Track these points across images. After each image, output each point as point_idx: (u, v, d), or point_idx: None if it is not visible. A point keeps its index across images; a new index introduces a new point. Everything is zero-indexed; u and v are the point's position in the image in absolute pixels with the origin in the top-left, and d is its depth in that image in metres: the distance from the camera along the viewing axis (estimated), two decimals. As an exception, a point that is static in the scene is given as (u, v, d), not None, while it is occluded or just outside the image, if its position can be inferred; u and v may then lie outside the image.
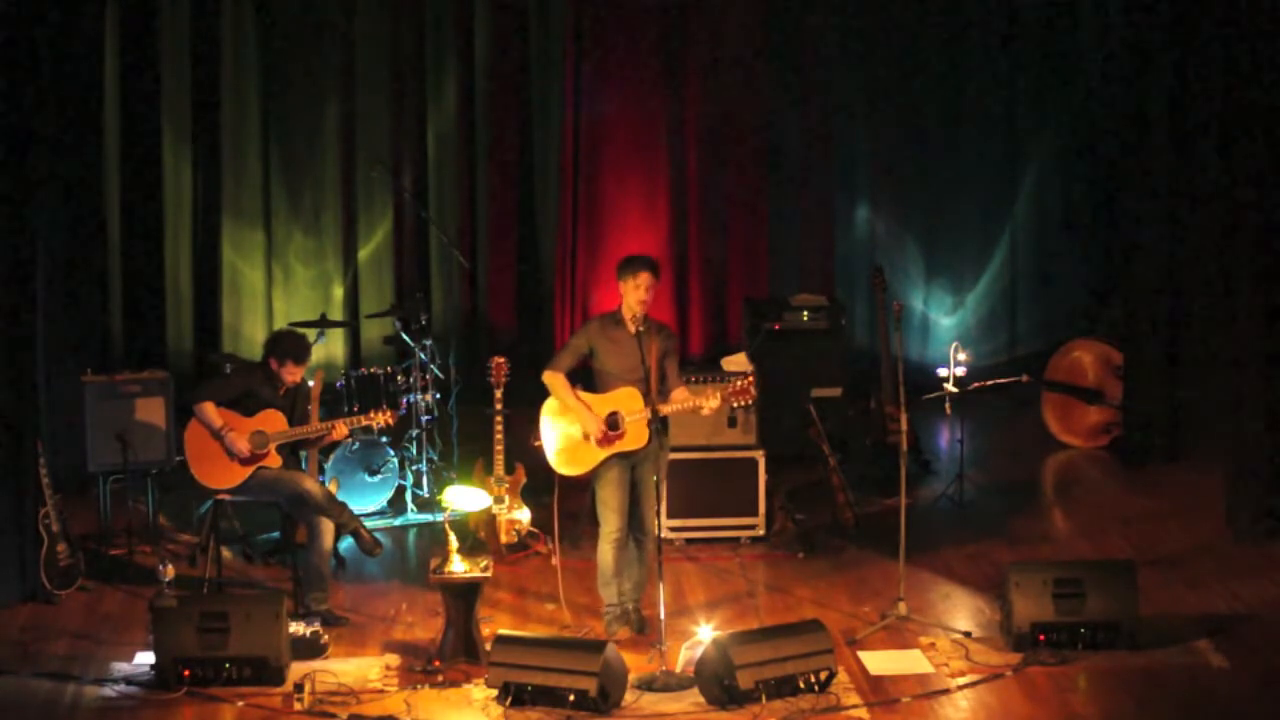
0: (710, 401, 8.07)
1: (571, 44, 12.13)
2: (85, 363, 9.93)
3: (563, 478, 8.37)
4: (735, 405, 8.34)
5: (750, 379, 8.23)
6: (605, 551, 8.19)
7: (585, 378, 8.32)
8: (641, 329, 8.09)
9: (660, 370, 8.10)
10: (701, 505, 9.64)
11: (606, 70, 12.18)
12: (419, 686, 7.76)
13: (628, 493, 8.18)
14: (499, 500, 9.51)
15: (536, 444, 8.30)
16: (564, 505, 8.79)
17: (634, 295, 8.05)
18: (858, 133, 12.66)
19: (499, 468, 9.55)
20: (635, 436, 8.08)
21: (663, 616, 7.85)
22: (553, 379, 8.17)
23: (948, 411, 9.91)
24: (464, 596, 7.99)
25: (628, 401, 8.08)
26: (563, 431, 8.19)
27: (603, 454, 8.11)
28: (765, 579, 9.21)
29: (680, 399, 8.09)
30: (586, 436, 8.12)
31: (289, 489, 8.70)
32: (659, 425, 8.08)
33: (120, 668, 8.00)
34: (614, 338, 8.13)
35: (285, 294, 12.12)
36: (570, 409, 8.13)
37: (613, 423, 8.08)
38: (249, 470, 8.65)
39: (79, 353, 10.17)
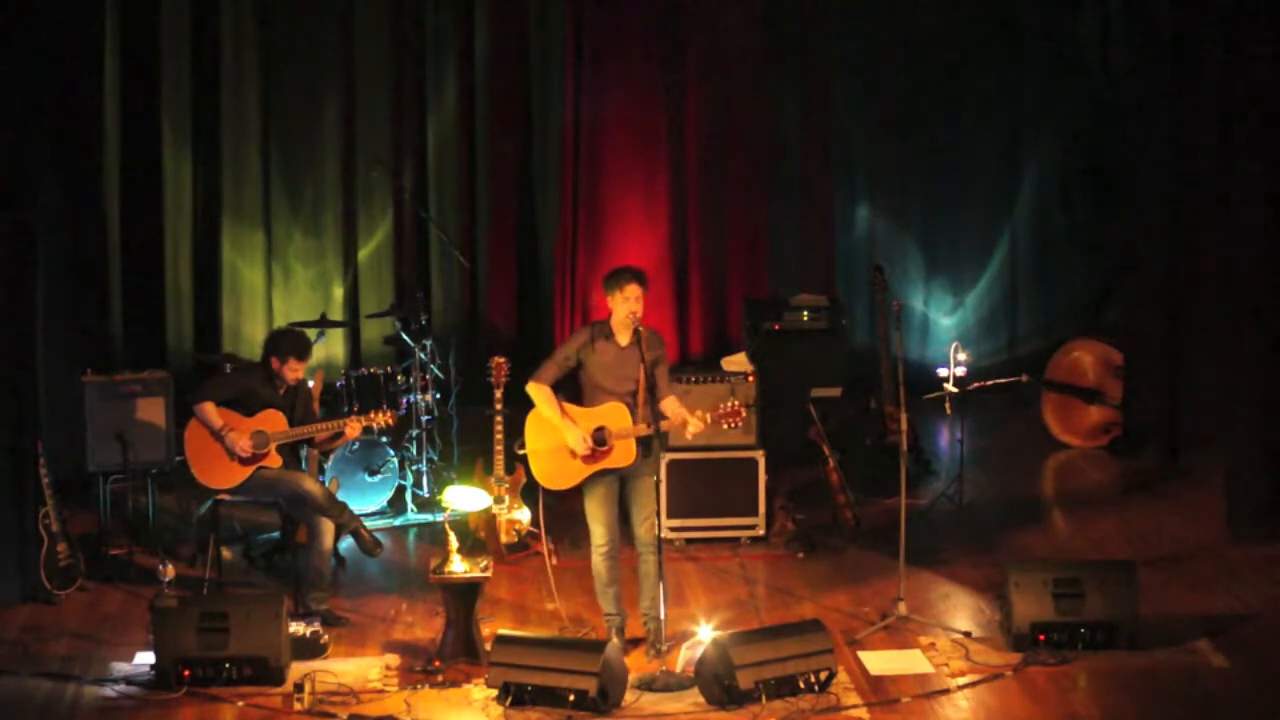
0: (695, 424, 7.96)
1: (571, 44, 12.13)
2: (85, 363, 9.92)
3: (553, 491, 8.28)
4: (727, 428, 8.21)
5: (739, 404, 8.12)
6: (597, 563, 8.12)
7: (570, 388, 8.18)
8: (633, 340, 7.98)
9: (651, 379, 7.98)
10: (701, 505, 9.64)
11: (606, 70, 12.17)
12: (419, 686, 7.76)
13: (615, 506, 8.08)
14: (499, 500, 9.51)
15: (521, 451, 8.23)
16: (565, 505, 8.79)
17: (624, 308, 7.93)
18: (858, 133, 12.66)
19: (499, 468, 9.55)
20: (622, 454, 7.98)
21: (663, 616, 7.85)
22: (537, 391, 8.03)
23: (948, 411, 9.91)
24: (464, 596, 7.99)
25: (614, 417, 7.96)
26: (547, 445, 8.05)
27: (587, 470, 8.00)
28: (765, 579, 9.21)
29: (672, 413, 7.97)
30: (573, 453, 8.01)
31: (289, 489, 8.70)
32: (651, 440, 7.96)
33: (120, 668, 8.00)
34: (603, 350, 8.00)
35: (285, 294, 12.12)
36: (556, 424, 7.99)
37: (599, 439, 7.97)
38: (249, 470, 8.65)
39: (79, 353, 10.16)
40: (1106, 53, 12.34)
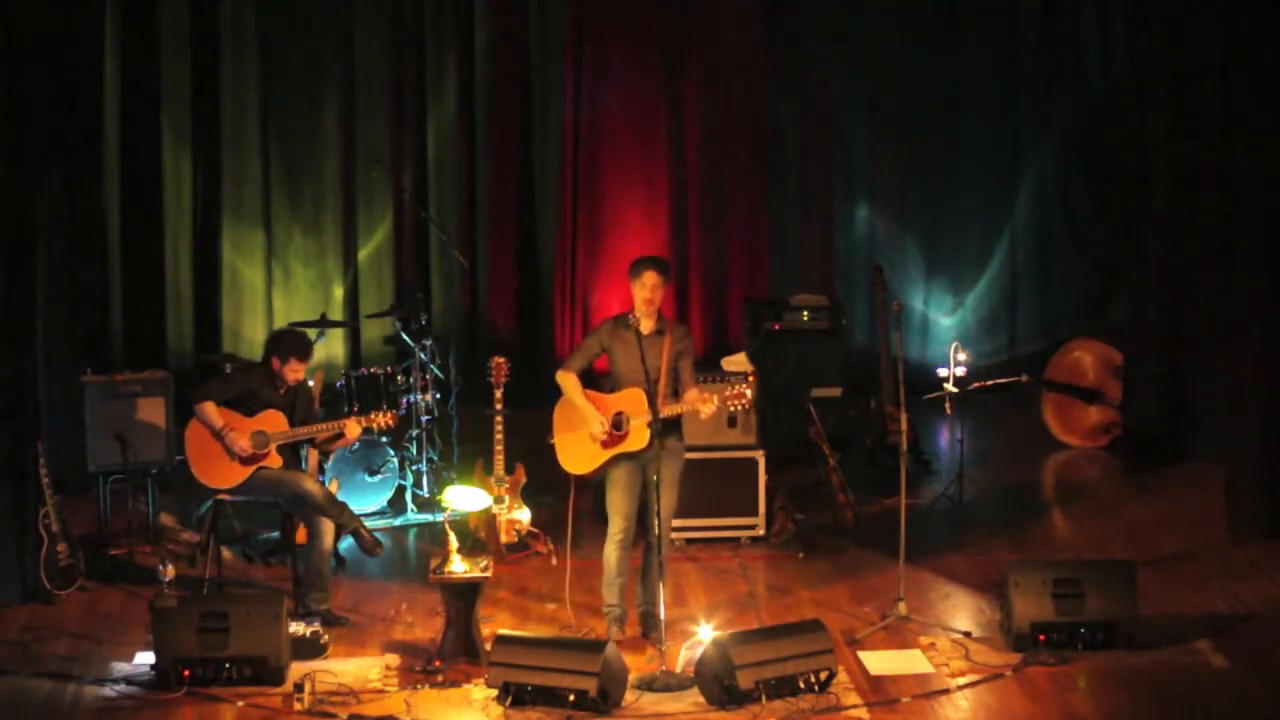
0: (705, 407, 8.05)
1: (571, 44, 12.14)
2: (85, 363, 9.92)
3: (576, 475, 8.36)
4: (733, 409, 8.35)
5: (745, 388, 8.22)
6: (609, 552, 8.20)
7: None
8: (653, 330, 8.09)
9: (674, 371, 8.10)
10: (701, 505, 9.63)
11: (607, 71, 12.18)
12: (419, 686, 7.76)
13: (635, 495, 8.17)
14: (499, 500, 9.52)
15: (551, 441, 8.33)
16: (564, 504, 8.78)
17: (640, 295, 8.07)
18: (858, 133, 12.66)
19: (499, 468, 9.56)
20: (637, 438, 8.08)
21: (663, 616, 7.85)
22: (565, 378, 8.20)
23: (948, 411, 9.91)
24: (464, 596, 7.99)
25: (633, 403, 8.08)
26: (573, 431, 8.21)
27: (606, 454, 8.12)
28: (765, 579, 9.21)
29: (687, 400, 8.08)
30: (593, 437, 8.14)
31: (289, 489, 8.69)
32: (661, 427, 8.03)
33: (120, 668, 7.99)
34: (624, 339, 8.13)
35: (285, 294, 12.12)
36: (578, 409, 8.16)
37: (617, 423, 8.09)
38: (249, 470, 8.65)
39: (79, 353, 10.16)
40: (1106, 54, 12.35)
